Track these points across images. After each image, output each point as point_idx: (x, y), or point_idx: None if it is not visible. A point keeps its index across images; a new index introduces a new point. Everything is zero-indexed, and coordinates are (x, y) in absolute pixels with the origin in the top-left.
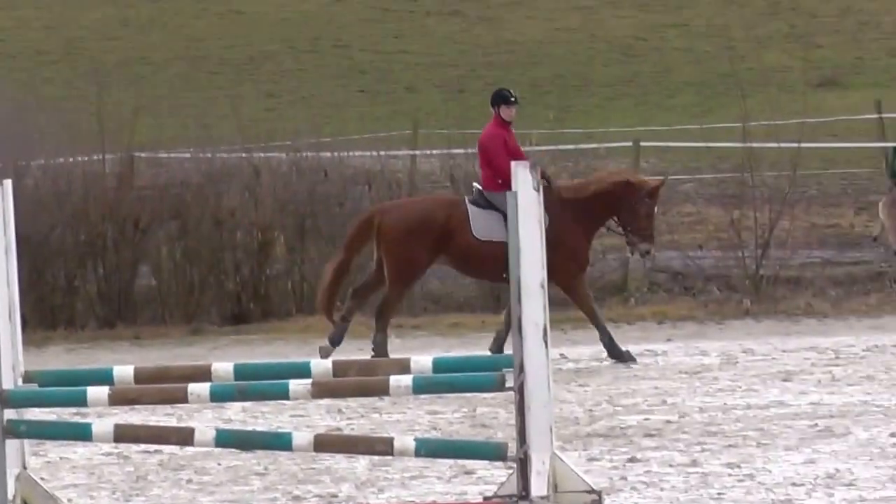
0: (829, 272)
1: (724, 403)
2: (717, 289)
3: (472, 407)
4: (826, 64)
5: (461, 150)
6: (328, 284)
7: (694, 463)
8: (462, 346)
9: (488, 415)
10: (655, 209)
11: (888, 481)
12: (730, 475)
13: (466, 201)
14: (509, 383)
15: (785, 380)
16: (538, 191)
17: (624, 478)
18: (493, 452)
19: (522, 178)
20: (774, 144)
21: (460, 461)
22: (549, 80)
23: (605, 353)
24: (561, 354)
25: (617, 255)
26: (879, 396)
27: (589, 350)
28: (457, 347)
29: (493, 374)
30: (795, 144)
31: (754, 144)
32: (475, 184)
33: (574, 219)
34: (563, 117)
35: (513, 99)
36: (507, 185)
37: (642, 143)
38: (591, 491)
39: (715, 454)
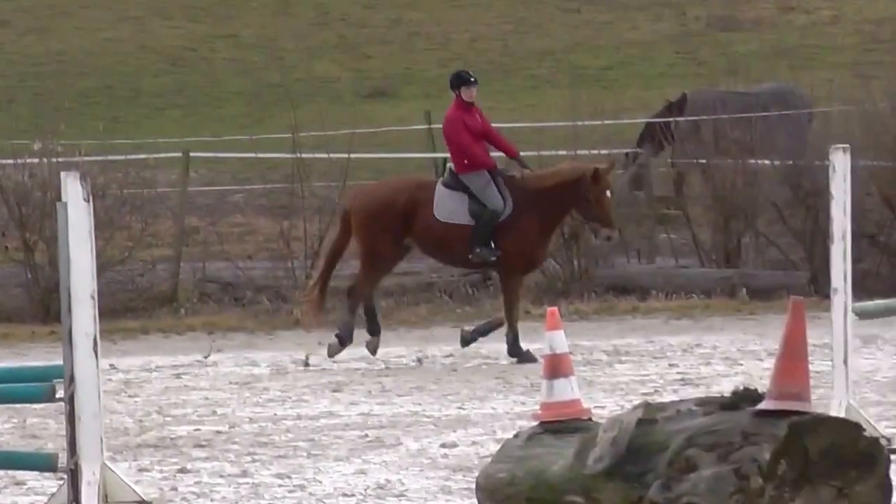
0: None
1: (275, 414)
2: (267, 299)
3: (22, 418)
4: (376, 74)
5: (10, 161)
6: (321, 280)
7: (244, 473)
8: (12, 357)
9: (38, 425)
10: (607, 193)
11: (438, 492)
12: (280, 486)
13: (439, 183)
14: (59, 394)
15: (335, 390)
16: (88, 202)
17: (175, 488)
18: (43, 463)
19: (72, 190)
20: (324, 155)
21: (10, 472)
22: (98, 91)
23: (156, 364)
24: (111, 365)
25: (166, 265)
26: (430, 407)
27: (139, 360)
28: (7, 358)
29: (43, 384)
30: (345, 155)
31: (304, 155)
32: (449, 164)
33: (535, 212)
34: (112, 128)
35: (472, 80)
36: (472, 164)
37: (192, 154)
38: (142, 502)
39: (265, 465)
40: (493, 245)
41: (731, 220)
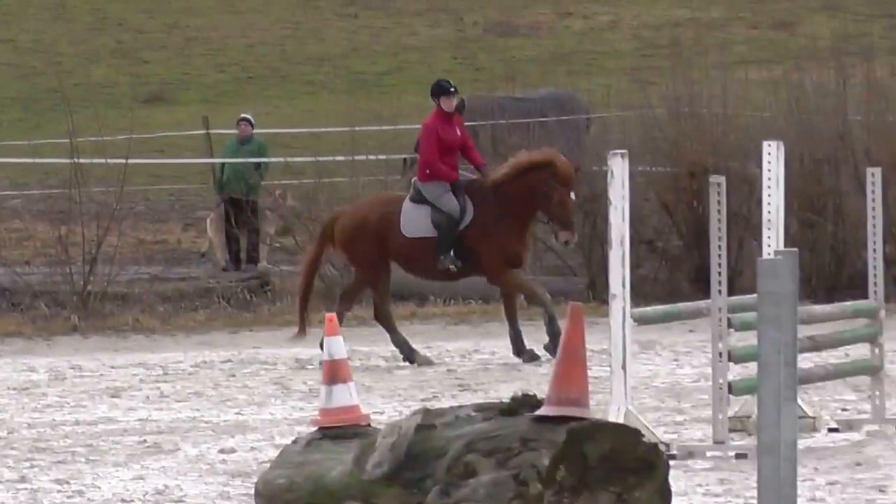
0: (157, 288)
1: (53, 419)
2: (44, 305)
3: None
4: (153, 79)
5: None
6: (303, 291)
7: (23, 479)
8: None
9: None
10: (572, 195)
11: (217, 497)
12: (59, 491)
13: (406, 199)
14: None
15: (113, 396)
16: None
17: None
18: None
19: None
20: (102, 160)
21: None
22: None
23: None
24: None
25: None
26: (208, 412)
27: None
28: None
29: None
30: (123, 160)
31: (82, 160)
32: (413, 178)
33: (501, 211)
34: None
35: (452, 90)
36: (433, 175)
37: None
38: None
39: (44, 470)
40: (459, 253)
41: None
